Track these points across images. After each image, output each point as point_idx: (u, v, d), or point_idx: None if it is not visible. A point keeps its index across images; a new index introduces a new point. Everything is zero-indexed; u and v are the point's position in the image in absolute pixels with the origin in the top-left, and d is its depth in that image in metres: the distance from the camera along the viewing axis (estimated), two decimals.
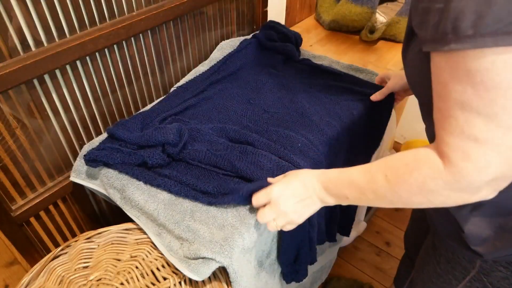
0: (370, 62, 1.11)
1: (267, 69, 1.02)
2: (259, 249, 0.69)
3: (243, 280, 0.63)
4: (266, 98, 0.91)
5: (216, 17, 1.03)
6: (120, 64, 0.82)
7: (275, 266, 0.78)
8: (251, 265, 0.67)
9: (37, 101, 0.69)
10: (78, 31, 0.71)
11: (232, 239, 0.59)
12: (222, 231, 0.61)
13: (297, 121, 0.83)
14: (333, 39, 1.25)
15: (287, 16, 1.29)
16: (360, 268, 1.33)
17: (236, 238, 0.60)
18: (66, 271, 0.65)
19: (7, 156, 0.68)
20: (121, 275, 0.63)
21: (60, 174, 0.80)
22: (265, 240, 0.71)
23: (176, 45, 0.94)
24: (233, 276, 0.60)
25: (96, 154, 0.69)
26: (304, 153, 0.74)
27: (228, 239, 0.59)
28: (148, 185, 0.69)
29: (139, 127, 0.79)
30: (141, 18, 0.79)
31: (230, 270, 0.59)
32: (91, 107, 0.80)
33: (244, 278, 0.63)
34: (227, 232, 0.61)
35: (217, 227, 0.62)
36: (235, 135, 0.77)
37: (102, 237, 0.70)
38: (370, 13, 1.17)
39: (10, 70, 0.61)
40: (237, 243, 0.60)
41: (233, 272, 0.60)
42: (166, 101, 0.88)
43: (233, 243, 0.59)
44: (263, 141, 0.74)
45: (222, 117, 0.84)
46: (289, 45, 1.08)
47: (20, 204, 0.74)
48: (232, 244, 0.59)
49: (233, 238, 0.60)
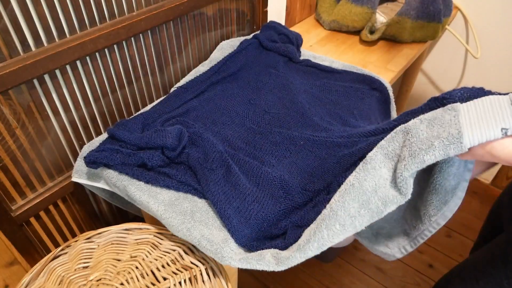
0: (370, 62, 1.11)
1: (268, 69, 1.02)
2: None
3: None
4: (266, 99, 0.91)
5: (216, 17, 1.03)
6: (120, 64, 0.82)
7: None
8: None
9: (37, 101, 0.69)
10: (78, 31, 0.71)
11: (232, 240, 0.60)
12: (222, 232, 0.61)
13: (299, 121, 0.83)
14: (333, 39, 1.25)
15: (287, 16, 1.29)
16: (360, 268, 1.33)
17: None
18: (66, 271, 0.65)
19: (7, 156, 0.68)
20: (121, 275, 0.63)
21: (60, 174, 0.80)
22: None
23: (176, 45, 0.94)
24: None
25: (96, 156, 0.69)
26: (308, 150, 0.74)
27: (228, 240, 0.59)
28: (148, 185, 0.69)
29: (140, 127, 0.79)
30: (141, 18, 0.79)
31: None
32: (91, 107, 0.80)
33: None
34: (227, 232, 0.61)
35: (217, 227, 0.62)
36: (237, 149, 0.76)
37: (102, 237, 0.70)
38: (370, 13, 1.17)
39: (10, 70, 0.61)
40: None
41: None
42: (166, 102, 0.88)
43: (232, 244, 0.59)
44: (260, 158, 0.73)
45: (225, 119, 0.84)
46: (290, 46, 1.08)
47: (20, 204, 0.74)
48: (231, 245, 0.59)
49: (233, 239, 0.60)
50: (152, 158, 0.69)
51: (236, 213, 0.61)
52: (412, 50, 1.18)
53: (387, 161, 0.52)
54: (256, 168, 0.69)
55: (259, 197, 0.64)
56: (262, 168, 0.69)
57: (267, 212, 0.62)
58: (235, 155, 0.72)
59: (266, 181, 0.67)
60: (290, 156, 0.74)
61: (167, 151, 0.70)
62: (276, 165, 0.72)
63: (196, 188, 0.66)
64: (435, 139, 0.48)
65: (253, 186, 0.66)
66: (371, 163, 0.53)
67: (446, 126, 0.48)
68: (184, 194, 0.67)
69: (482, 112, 0.47)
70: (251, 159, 0.72)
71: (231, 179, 0.66)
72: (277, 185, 0.66)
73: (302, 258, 0.53)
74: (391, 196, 0.50)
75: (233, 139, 0.78)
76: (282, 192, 0.66)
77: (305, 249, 0.52)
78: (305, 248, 0.52)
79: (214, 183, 0.65)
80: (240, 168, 0.69)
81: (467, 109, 0.49)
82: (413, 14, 1.14)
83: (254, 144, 0.77)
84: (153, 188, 0.68)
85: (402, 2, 1.29)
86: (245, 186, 0.65)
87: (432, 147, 0.47)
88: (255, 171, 0.68)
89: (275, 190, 0.66)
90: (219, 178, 0.66)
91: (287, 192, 0.66)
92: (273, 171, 0.69)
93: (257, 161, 0.72)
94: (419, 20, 1.15)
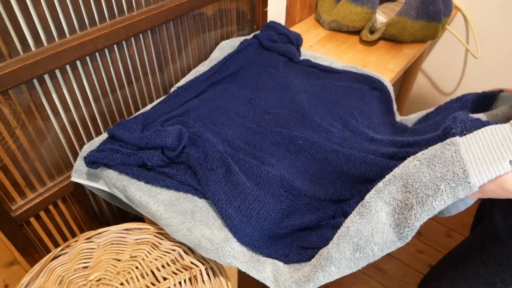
0: (370, 62, 1.11)
1: (268, 69, 1.02)
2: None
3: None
4: (266, 99, 0.91)
5: (216, 17, 1.03)
6: (120, 64, 0.82)
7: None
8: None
9: (37, 101, 0.69)
10: (78, 31, 0.71)
11: (233, 240, 0.60)
12: (222, 231, 0.61)
13: (299, 121, 0.83)
14: (333, 39, 1.25)
15: (287, 16, 1.29)
16: (360, 268, 1.33)
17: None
18: (66, 271, 0.65)
19: (7, 156, 0.68)
20: (121, 275, 0.63)
21: (60, 174, 0.80)
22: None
23: (176, 45, 0.94)
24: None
25: (96, 156, 0.69)
26: (305, 150, 0.74)
27: (229, 239, 0.59)
28: (148, 185, 0.69)
29: (140, 127, 0.79)
30: (141, 18, 0.79)
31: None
32: (91, 107, 0.80)
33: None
34: (228, 232, 0.61)
35: (217, 227, 0.62)
36: (237, 149, 0.76)
37: (102, 237, 0.70)
38: (370, 13, 1.17)
39: (10, 70, 0.61)
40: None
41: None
42: (166, 102, 0.88)
43: (234, 243, 0.59)
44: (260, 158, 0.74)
45: (225, 119, 0.84)
46: (290, 46, 1.08)
47: (20, 204, 0.74)
48: (233, 244, 0.59)
49: (234, 239, 0.60)
50: (152, 158, 0.69)
51: (237, 212, 0.61)
52: (412, 50, 1.18)
53: (385, 206, 0.50)
54: (256, 167, 0.69)
55: (260, 196, 0.64)
56: (262, 167, 0.69)
57: (268, 211, 0.62)
58: (235, 155, 0.72)
59: (267, 180, 0.67)
60: (290, 158, 0.74)
61: (167, 151, 0.70)
62: (276, 165, 0.72)
63: (196, 188, 0.66)
64: (440, 181, 0.45)
65: (253, 186, 0.66)
66: (367, 207, 0.51)
67: (449, 165, 0.45)
68: (184, 194, 0.67)
69: (484, 145, 0.44)
70: (251, 159, 0.72)
71: (232, 178, 0.66)
72: (277, 184, 0.66)
73: None
74: (389, 243, 0.49)
75: (233, 139, 0.78)
76: (282, 191, 0.66)
77: (300, 285, 0.53)
78: (301, 285, 0.53)
79: (214, 183, 0.65)
80: (240, 167, 0.69)
81: (467, 143, 0.46)
82: (413, 14, 1.14)
83: (254, 144, 0.77)
84: (153, 188, 0.68)
85: (402, 2, 1.29)
86: (245, 186, 0.65)
87: (439, 191, 0.44)
88: (255, 170, 0.68)
89: (275, 189, 0.66)
90: (219, 178, 0.66)
91: (288, 191, 0.66)
92: (274, 170, 0.69)
93: (257, 161, 0.72)
94: (419, 20, 1.15)
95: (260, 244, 0.60)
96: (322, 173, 0.71)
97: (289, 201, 0.65)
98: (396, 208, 0.49)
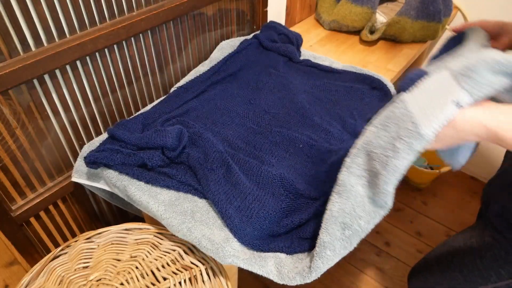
0: (370, 62, 1.11)
1: (268, 69, 1.02)
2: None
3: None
4: (266, 99, 0.91)
5: (216, 17, 1.03)
6: (120, 64, 0.82)
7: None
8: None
9: (37, 101, 0.69)
10: (78, 31, 0.71)
11: (234, 239, 0.60)
12: (223, 231, 0.61)
13: (299, 121, 0.84)
14: (333, 39, 1.25)
15: (287, 16, 1.29)
16: (360, 268, 1.33)
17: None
18: (66, 271, 0.65)
19: (7, 156, 0.68)
20: (121, 275, 0.63)
21: (60, 174, 0.80)
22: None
23: (176, 45, 0.94)
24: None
25: (96, 156, 0.69)
26: (306, 154, 0.74)
27: (230, 239, 0.59)
28: (149, 185, 0.69)
29: (140, 127, 0.79)
30: (141, 18, 0.79)
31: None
32: (91, 107, 0.80)
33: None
34: (228, 232, 0.61)
35: (218, 227, 0.62)
36: (238, 149, 0.76)
37: (102, 237, 0.70)
38: (370, 13, 1.17)
39: (10, 70, 0.61)
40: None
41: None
42: (167, 102, 0.88)
43: (234, 243, 0.59)
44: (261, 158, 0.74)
45: (225, 119, 0.84)
46: (290, 46, 1.08)
47: (20, 204, 0.74)
48: (233, 244, 0.59)
49: (235, 239, 0.60)
50: (152, 158, 0.69)
51: (237, 212, 0.61)
52: (412, 50, 1.18)
53: (357, 179, 0.51)
54: (256, 167, 0.69)
55: (260, 196, 0.64)
56: (262, 167, 0.69)
57: (268, 211, 0.62)
58: (235, 155, 0.72)
59: (267, 180, 0.67)
60: (289, 158, 0.75)
61: (167, 151, 0.70)
62: (276, 164, 0.72)
63: (197, 188, 0.66)
64: (396, 140, 0.45)
65: (253, 185, 0.66)
66: (342, 185, 0.52)
67: (400, 122, 0.45)
68: (184, 194, 0.67)
69: (429, 94, 0.44)
70: (251, 159, 0.72)
71: (232, 178, 0.66)
72: (277, 183, 0.66)
73: (302, 282, 0.54)
74: (372, 213, 0.50)
75: (233, 139, 0.78)
76: (282, 190, 0.66)
77: (304, 276, 0.54)
78: (304, 276, 0.54)
79: (214, 183, 0.65)
80: (240, 167, 0.69)
81: (413, 97, 0.45)
82: (413, 14, 1.14)
83: (254, 144, 0.77)
84: (153, 188, 0.68)
85: (402, 2, 1.29)
86: (245, 185, 0.65)
87: (397, 150, 0.44)
88: (255, 170, 0.68)
89: (275, 189, 0.66)
90: (219, 178, 0.66)
91: (288, 190, 0.66)
92: (274, 170, 0.69)
93: (257, 160, 0.72)
94: (419, 20, 1.15)
95: (260, 243, 0.60)
96: (319, 174, 0.71)
97: (289, 200, 0.65)
98: (368, 178, 0.50)
